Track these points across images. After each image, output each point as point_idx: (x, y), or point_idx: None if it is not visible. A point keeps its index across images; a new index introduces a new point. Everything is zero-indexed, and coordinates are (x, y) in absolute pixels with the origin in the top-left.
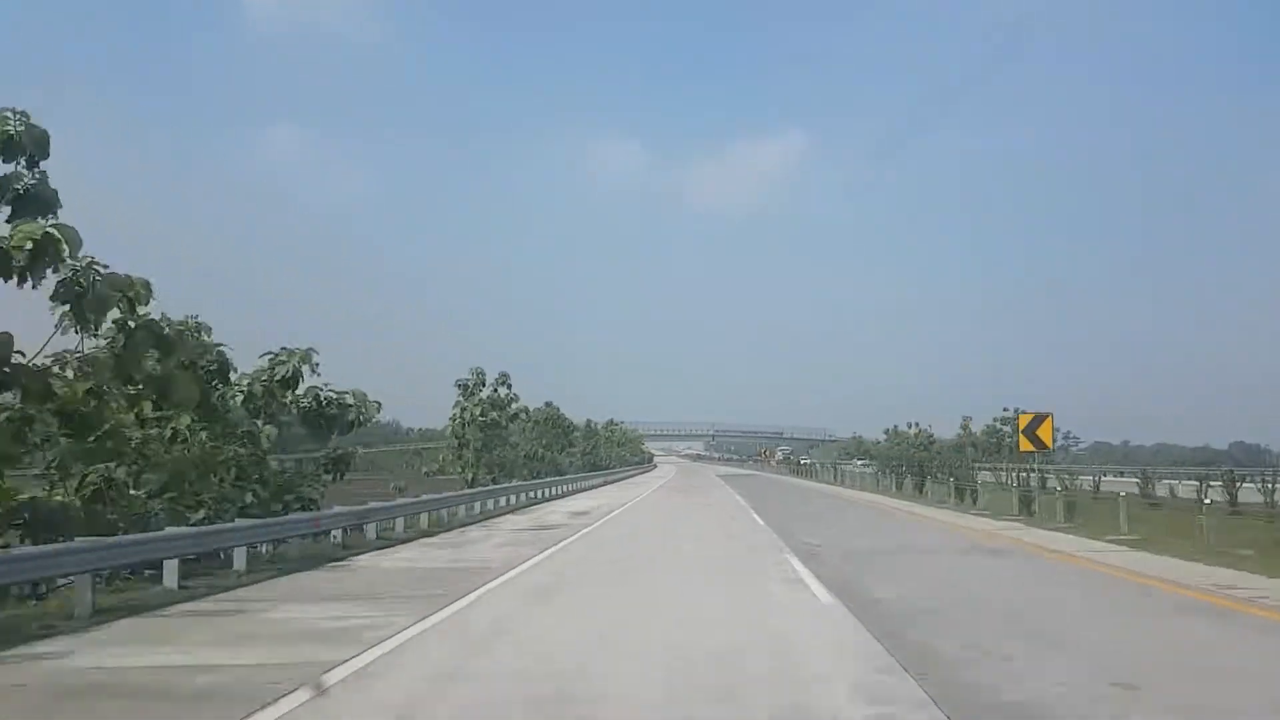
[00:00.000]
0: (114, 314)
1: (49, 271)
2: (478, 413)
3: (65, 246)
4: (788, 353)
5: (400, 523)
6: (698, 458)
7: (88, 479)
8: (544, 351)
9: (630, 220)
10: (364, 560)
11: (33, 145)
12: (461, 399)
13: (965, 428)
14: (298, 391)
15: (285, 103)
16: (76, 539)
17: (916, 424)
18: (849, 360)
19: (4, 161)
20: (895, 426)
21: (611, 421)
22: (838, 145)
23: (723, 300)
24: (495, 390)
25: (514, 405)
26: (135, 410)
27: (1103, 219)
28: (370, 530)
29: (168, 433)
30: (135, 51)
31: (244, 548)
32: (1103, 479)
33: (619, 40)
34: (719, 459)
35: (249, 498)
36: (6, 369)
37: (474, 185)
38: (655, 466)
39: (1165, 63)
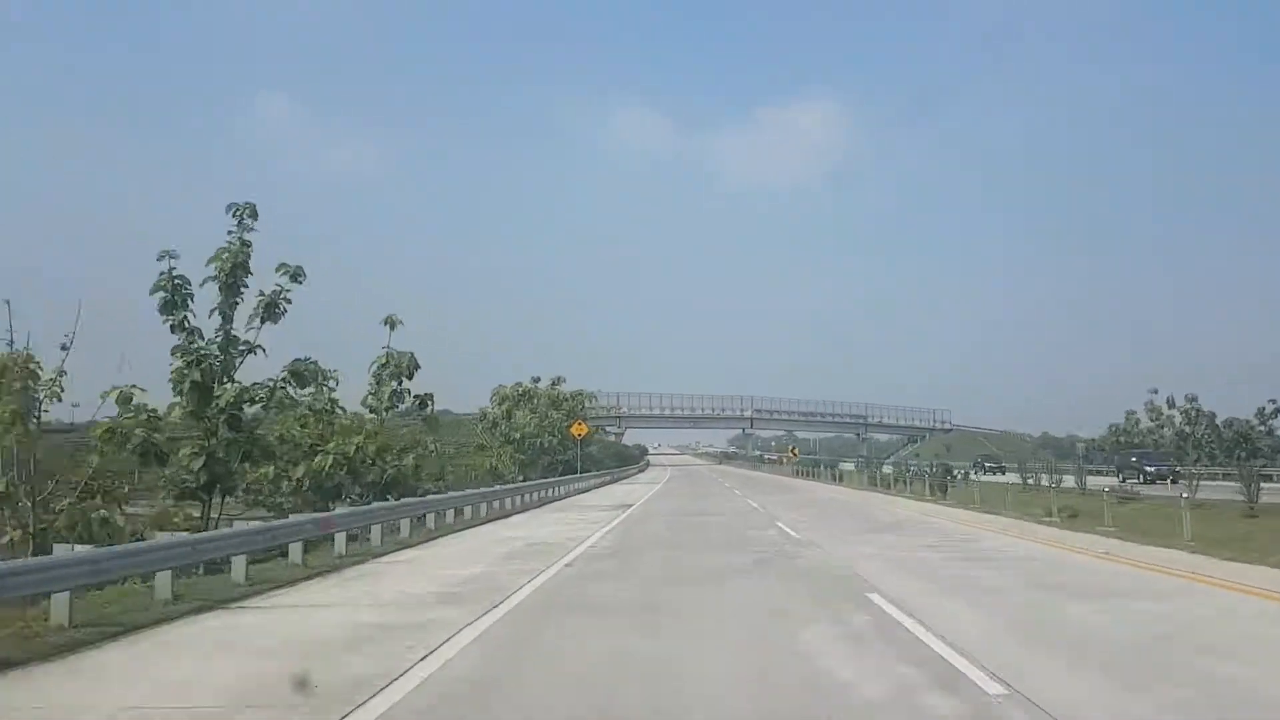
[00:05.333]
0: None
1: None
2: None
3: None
4: (847, 330)
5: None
6: (724, 458)
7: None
8: (553, 331)
9: (654, 192)
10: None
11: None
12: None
13: None
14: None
15: (274, 71)
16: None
17: (1193, 399)
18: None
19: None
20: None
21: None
22: (875, 106)
23: (753, 280)
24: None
25: None
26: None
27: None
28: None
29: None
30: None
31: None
32: None
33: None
34: (762, 457)
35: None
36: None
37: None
38: (652, 467)
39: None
